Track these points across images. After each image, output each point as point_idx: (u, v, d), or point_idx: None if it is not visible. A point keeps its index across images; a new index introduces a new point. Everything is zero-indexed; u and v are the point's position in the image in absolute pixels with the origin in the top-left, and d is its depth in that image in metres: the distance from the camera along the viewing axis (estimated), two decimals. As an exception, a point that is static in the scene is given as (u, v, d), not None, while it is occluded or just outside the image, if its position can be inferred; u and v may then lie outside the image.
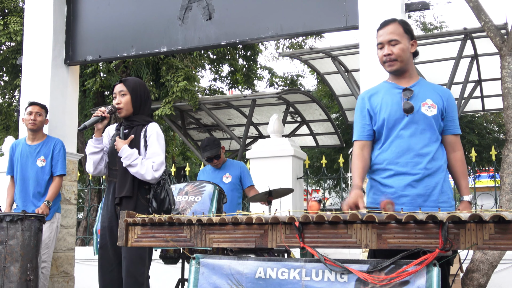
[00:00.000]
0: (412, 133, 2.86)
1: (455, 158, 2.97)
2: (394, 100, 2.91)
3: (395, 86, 2.96)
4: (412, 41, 2.95)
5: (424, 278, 2.11)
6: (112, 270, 3.50)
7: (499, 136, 14.97)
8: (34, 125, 5.09)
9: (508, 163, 4.86)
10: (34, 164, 5.04)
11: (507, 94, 4.91)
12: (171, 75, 11.06)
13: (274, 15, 5.26)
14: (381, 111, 2.92)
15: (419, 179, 2.82)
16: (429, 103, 2.89)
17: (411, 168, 2.83)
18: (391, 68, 2.94)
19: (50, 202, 4.94)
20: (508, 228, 2.03)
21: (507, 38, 4.95)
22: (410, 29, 2.97)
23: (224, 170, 5.31)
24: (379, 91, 3.02)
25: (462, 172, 2.98)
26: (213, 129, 12.52)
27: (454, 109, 2.99)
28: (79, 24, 6.12)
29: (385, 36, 2.91)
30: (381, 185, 2.91)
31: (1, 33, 10.98)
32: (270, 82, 17.26)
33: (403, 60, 2.91)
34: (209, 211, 4.24)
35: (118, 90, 3.66)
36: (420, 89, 2.93)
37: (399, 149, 2.86)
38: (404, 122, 2.87)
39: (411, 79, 2.97)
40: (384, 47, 2.92)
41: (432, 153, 2.86)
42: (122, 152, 3.54)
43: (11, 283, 4.22)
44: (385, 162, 2.90)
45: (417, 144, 2.85)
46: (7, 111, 12.77)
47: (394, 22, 2.94)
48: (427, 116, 2.87)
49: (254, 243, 2.42)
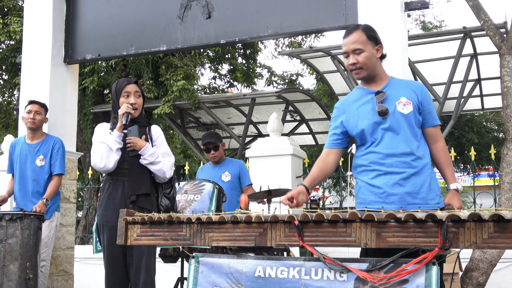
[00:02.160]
0: (394, 133, 2.90)
1: (437, 148, 3.01)
2: (370, 106, 2.96)
3: (368, 91, 3.01)
4: (377, 46, 2.98)
5: (423, 277, 2.12)
6: (119, 268, 3.52)
7: (499, 135, 14.98)
8: (33, 124, 5.08)
9: (507, 162, 4.87)
10: (33, 163, 5.04)
11: (507, 93, 4.91)
12: (171, 73, 11.06)
13: (273, 13, 5.26)
14: (359, 120, 2.97)
15: (406, 177, 2.86)
16: (404, 100, 2.93)
17: (397, 167, 2.87)
18: (358, 76, 3.00)
19: (48, 200, 4.93)
20: (507, 227, 2.03)
21: (506, 37, 4.95)
22: (374, 35, 2.99)
23: (223, 168, 5.30)
24: (353, 99, 3.07)
25: (446, 161, 3.02)
26: (213, 127, 12.52)
27: (430, 101, 3.02)
28: (79, 23, 6.11)
29: (349, 46, 2.94)
30: (369, 185, 2.94)
31: (1, 31, 10.98)
32: (269, 81, 17.26)
33: (368, 68, 2.95)
34: (208, 209, 4.24)
35: (134, 90, 3.67)
36: (393, 89, 2.97)
37: (383, 151, 2.90)
38: (384, 125, 2.91)
39: (381, 81, 3.02)
40: (349, 56, 2.96)
41: (415, 150, 2.90)
42: (146, 150, 3.58)
43: (10, 281, 4.22)
44: (371, 164, 2.94)
45: (400, 144, 2.89)
46: (7, 110, 12.76)
47: (357, 30, 2.96)
48: (404, 114, 2.91)
49: (253, 242, 2.42)
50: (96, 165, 3.53)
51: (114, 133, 3.58)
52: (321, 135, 12.60)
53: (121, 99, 3.65)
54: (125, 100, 3.64)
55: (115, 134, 3.57)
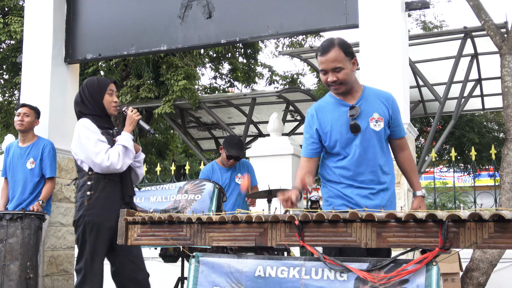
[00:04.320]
0: (364, 149, 2.96)
1: (404, 157, 3.13)
2: (343, 119, 2.99)
3: (342, 103, 3.03)
4: (353, 60, 2.98)
5: (424, 276, 2.12)
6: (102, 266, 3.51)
7: (499, 135, 14.97)
8: (21, 126, 5.05)
9: (507, 162, 4.87)
10: (24, 166, 5.01)
11: (507, 93, 4.91)
12: (171, 73, 11.06)
13: (274, 13, 5.26)
14: (332, 132, 3.00)
15: (375, 192, 2.97)
16: (376, 117, 2.98)
17: (368, 184, 2.97)
18: (337, 91, 3.00)
19: (44, 202, 4.92)
20: (507, 227, 2.03)
21: (507, 37, 4.95)
22: (350, 50, 2.98)
23: (236, 170, 5.24)
24: (327, 108, 3.07)
25: (412, 169, 3.15)
26: (213, 127, 12.53)
27: (398, 113, 3.10)
28: (79, 23, 6.11)
29: (328, 64, 2.92)
30: (340, 192, 3.02)
31: (1, 31, 10.98)
32: (270, 81, 17.25)
33: (348, 83, 2.96)
34: (209, 209, 4.24)
35: (115, 89, 3.66)
36: (366, 104, 3.00)
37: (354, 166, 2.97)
38: (356, 141, 2.96)
39: (356, 93, 3.04)
40: (328, 73, 2.95)
41: (383, 166, 3.00)
42: (140, 153, 3.66)
43: (11, 281, 4.23)
44: (342, 178, 3.00)
45: (370, 160, 2.97)
46: (7, 109, 12.76)
47: (334, 48, 2.91)
48: (375, 131, 2.98)
49: (253, 242, 2.42)
50: (112, 166, 3.38)
51: (127, 134, 3.52)
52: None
53: (106, 96, 3.59)
54: (110, 97, 3.59)
55: (128, 135, 3.52)
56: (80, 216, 3.38)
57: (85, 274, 3.37)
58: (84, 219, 3.38)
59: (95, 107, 3.56)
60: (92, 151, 3.38)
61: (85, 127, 3.45)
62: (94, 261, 3.39)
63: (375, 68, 4.66)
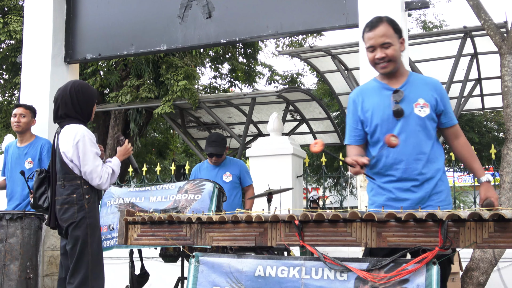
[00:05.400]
0: (407, 136, 2.80)
1: (460, 144, 2.94)
2: (386, 103, 2.85)
3: (386, 87, 2.90)
4: (401, 40, 2.88)
5: (424, 276, 2.11)
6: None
7: (499, 134, 14.98)
8: (18, 127, 5.05)
9: (507, 162, 4.87)
10: (22, 166, 5.00)
11: (507, 92, 4.90)
12: (171, 73, 11.06)
13: (274, 13, 5.26)
14: (373, 117, 2.88)
15: (419, 184, 2.79)
16: (421, 102, 2.83)
17: (410, 174, 2.80)
18: (385, 70, 2.86)
19: None
20: (507, 226, 2.03)
21: (507, 37, 4.95)
22: (399, 28, 2.89)
23: (224, 168, 5.25)
24: (369, 92, 2.96)
25: (470, 155, 2.94)
26: (213, 127, 12.53)
27: (447, 100, 2.94)
28: (79, 23, 6.11)
29: (377, 40, 2.81)
30: (381, 188, 2.88)
31: (1, 31, 10.98)
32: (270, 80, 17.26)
33: (396, 60, 2.85)
34: (208, 209, 4.24)
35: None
36: (411, 88, 2.87)
37: (396, 155, 2.82)
38: (398, 126, 2.82)
39: (401, 77, 2.91)
40: (376, 50, 2.83)
41: (428, 155, 2.82)
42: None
43: (11, 281, 4.23)
44: (383, 168, 2.86)
45: (413, 148, 2.80)
46: (7, 109, 12.76)
47: (383, 23, 2.83)
48: (420, 117, 2.82)
49: (253, 242, 2.42)
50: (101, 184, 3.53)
51: (118, 161, 3.69)
52: (321, 135, 12.60)
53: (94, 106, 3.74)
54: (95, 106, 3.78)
55: (119, 163, 3.70)
56: (82, 217, 3.42)
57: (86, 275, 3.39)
58: (86, 221, 3.43)
59: (84, 113, 3.62)
60: (92, 164, 3.48)
61: (89, 139, 3.52)
62: (98, 261, 3.44)
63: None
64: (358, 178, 4.85)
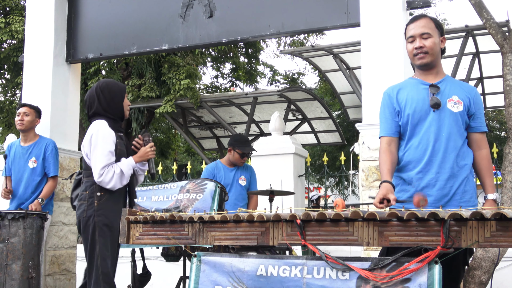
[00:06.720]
0: (438, 130, 2.80)
1: (481, 156, 2.91)
2: (420, 95, 2.86)
3: (422, 82, 2.91)
4: (441, 38, 2.91)
5: (426, 275, 2.11)
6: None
7: (501, 133, 14.96)
8: (21, 125, 5.06)
9: (509, 161, 4.85)
10: (26, 165, 5.01)
11: (509, 91, 4.89)
12: (173, 73, 11.07)
13: (275, 12, 5.25)
14: (406, 107, 2.88)
15: (446, 179, 2.79)
16: (455, 99, 2.83)
17: (438, 168, 2.79)
18: (421, 61, 2.87)
19: (43, 200, 4.92)
20: (509, 225, 2.03)
21: (508, 36, 4.94)
22: (441, 25, 2.92)
23: (240, 172, 5.25)
24: (404, 87, 2.97)
25: (487, 170, 2.93)
26: (215, 126, 12.53)
27: (481, 107, 2.93)
28: (81, 22, 6.12)
29: (417, 30, 2.86)
30: (406, 183, 2.86)
31: (3, 31, 11.00)
32: (271, 79, 17.26)
33: (434, 54, 2.86)
34: (210, 208, 4.24)
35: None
36: (447, 86, 2.88)
37: (425, 147, 2.82)
38: (430, 118, 2.82)
39: (438, 75, 2.92)
40: (416, 40, 2.86)
41: (457, 151, 2.81)
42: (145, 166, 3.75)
43: (13, 280, 4.23)
44: (411, 161, 2.85)
45: (443, 143, 2.80)
46: (9, 109, 12.78)
47: (425, 17, 2.91)
48: (453, 113, 2.81)
49: (255, 241, 2.42)
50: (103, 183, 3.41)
51: (132, 162, 3.55)
52: (323, 134, 12.60)
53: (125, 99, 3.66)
54: (127, 101, 3.69)
55: (132, 164, 3.55)
56: (90, 216, 3.36)
57: (97, 276, 3.34)
58: (94, 219, 3.37)
59: (113, 110, 3.58)
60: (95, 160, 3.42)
61: (103, 135, 3.45)
62: (106, 263, 3.37)
63: (376, 67, 4.66)
64: (360, 177, 4.85)
